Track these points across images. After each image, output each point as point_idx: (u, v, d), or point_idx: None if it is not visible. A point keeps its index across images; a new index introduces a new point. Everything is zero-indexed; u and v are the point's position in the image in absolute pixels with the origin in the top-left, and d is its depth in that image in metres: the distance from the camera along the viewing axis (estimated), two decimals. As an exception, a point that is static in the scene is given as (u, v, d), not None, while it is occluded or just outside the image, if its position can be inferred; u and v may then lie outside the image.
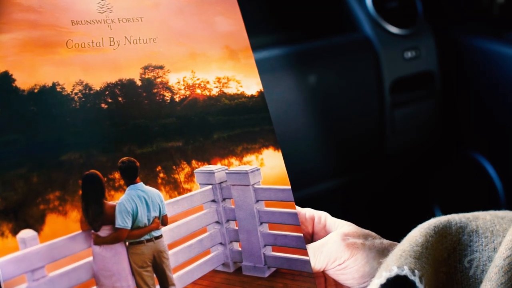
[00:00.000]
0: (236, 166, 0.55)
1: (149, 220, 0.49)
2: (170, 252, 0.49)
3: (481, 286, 0.44)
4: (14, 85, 0.46)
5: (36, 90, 0.47)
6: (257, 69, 0.60)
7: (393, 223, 1.13)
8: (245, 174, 0.55)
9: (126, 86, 0.52)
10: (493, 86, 1.26)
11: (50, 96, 0.48)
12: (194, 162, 0.53)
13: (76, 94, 0.49)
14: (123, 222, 0.47)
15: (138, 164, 0.49)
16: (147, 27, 0.55)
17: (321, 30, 1.22)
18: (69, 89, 0.49)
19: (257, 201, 0.57)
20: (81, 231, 0.46)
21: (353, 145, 1.25)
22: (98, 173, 0.47)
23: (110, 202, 0.47)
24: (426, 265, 0.45)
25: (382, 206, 1.46)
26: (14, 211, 0.43)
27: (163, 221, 0.49)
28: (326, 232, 0.58)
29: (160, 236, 0.49)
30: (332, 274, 0.53)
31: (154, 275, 0.48)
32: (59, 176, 0.46)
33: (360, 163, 1.30)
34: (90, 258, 0.46)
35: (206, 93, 0.56)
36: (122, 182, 0.48)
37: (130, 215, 0.48)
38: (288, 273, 0.54)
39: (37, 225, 0.44)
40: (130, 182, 0.49)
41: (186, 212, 0.52)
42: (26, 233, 0.43)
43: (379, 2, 1.25)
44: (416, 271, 0.43)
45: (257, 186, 0.56)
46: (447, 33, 1.34)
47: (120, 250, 0.47)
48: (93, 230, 0.46)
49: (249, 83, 0.58)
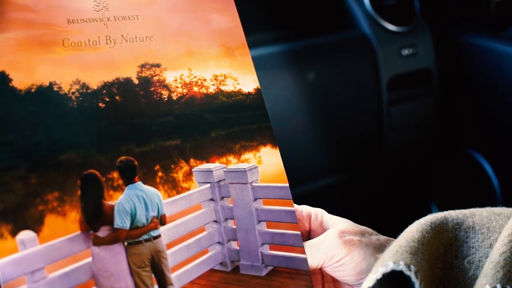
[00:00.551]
0: (234, 164, 0.55)
1: (147, 219, 0.49)
2: (168, 251, 0.49)
3: (477, 282, 0.44)
4: (11, 85, 0.46)
5: (33, 90, 0.47)
6: (254, 66, 0.60)
7: (390, 220, 1.13)
8: (243, 172, 0.55)
9: (123, 85, 0.51)
10: (490, 84, 1.26)
11: (47, 96, 0.47)
12: (192, 161, 0.53)
13: (73, 93, 0.49)
14: (122, 222, 0.47)
15: (136, 163, 0.49)
16: (143, 25, 0.55)
17: (318, 27, 1.22)
18: (66, 88, 0.48)
19: (255, 199, 0.57)
20: (80, 232, 0.45)
21: (350, 142, 1.25)
22: (96, 173, 0.47)
23: (109, 202, 0.47)
24: (422, 260, 0.45)
25: (380, 203, 1.47)
26: (13, 213, 0.43)
27: (162, 220, 0.49)
28: (323, 229, 0.58)
29: (158, 235, 0.49)
30: (329, 271, 0.54)
31: (153, 275, 0.48)
32: (58, 176, 0.45)
33: (357, 161, 1.30)
34: (89, 259, 0.46)
35: (203, 90, 0.55)
36: (120, 182, 0.48)
37: (129, 215, 0.48)
38: (285, 271, 0.55)
39: (36, 226, 0.44)
40: (129, 181, 0.48)
41: (184, 211, 0.52)
42: (25, 234, 0.43)
43: (377, -1, 1.25)
44: (411, 266, 0.43)
45: (255, 184, 0.56)
46: (444, 30, 1.34)
47: (118, 250, 0.47)
48: (92, 231, 0.46)
49: (246, 81, 0.58)
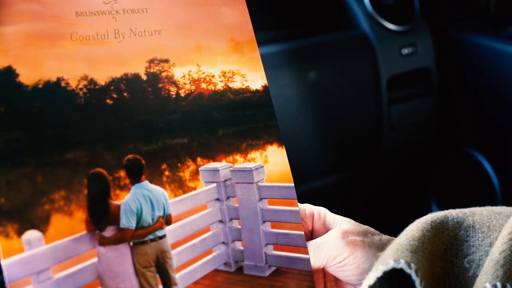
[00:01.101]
0: (240, 163, 0.55)
1: (153, 219, 0.48)
2: (173, 251, 0.49)
3: (477, 280, 0.44)
4: (18, 80, 0.45)
5: (40, 86, 0.46)
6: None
7: (390, 218, 1.14)
8: (249, 171, 0.55)
9: (131, 81, 0.50)
10: (489, 83, 1.26)
11: (54, 91, 0.46)
12: (199, 159, 0.52)
13: (81, 89, 0.48)
14: (128, 222, 0.47)
15: (143, 162, 0.49)
16: (152, 19, 0.54)
17: (318, 27, 1.22)
18: (74, 84, 0.47)
19: (260, 199, 0.56)
20: (86, 232, 0.45)
21: (350, 141, 1.25)
22: (103, 171, 0.46)
23: (115, 202, 0.47)
24: (422, 259, 0.45)
25: (380, 202, 1.48)
26: (19, 212, 0.43)
27: (167, 220, 0.49)
28: (325, 228, 0.58)
29: (164, 235, 0.49)
30: (331, 271, 0.54)
31: (157, 275, 0.48)
32: (64, 175, 0.45)
33: (357, 159, 1.31)
34: (95, 259, 0.45)
35: (211, 87, 0.55)
36: (127, 181, 0.48)
37: (135, 215, 0.47)
38: (287, 271, 0.55)
39: (42, 226, 0.43)
40: (136, 180, 0.48)
41: (190, 210, 0.52)
42: (31, 234, 0.43)
43: (376, -2, 1.24)
44: (412, 264, 0.43)
45: (261, 184, 0.56)
46: (444, 30, 1.33)
47: (124, 250, 0.47)
48: (98, 231, 0.46)
49: (253, 77, 0.57)
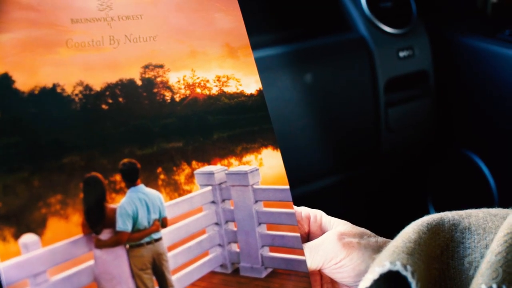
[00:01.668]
0: (235, 166, 0.55)
1: (149, 222, 0.49)
2: (170, 254, 0.50)
3: (472, 282, 0.44)
4: (14, 86, 0.46)
5: (36, 92, 0.47)
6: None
7: (388, 220, 1.14)
8: (244, 174, 0.55)
9: (126, 86, 0.51)
10: (486, 85, 1.26)
11: (50, 97, 0.47)
12: (194, 163, 0.53)
13: (76, 95, 0.48)
14: (124, 225, 0.47)
15: (139, 166, 0.49)
16: (147, 25, 0.54)
17: (316, 29, 1.22)
18: (69, 90, 0.48)
19: (256, 201, 0.57)
20: (82, 235, 0.46)
21: (348, 143, 1.25)
22: (99, 175, 0.47)
23: (111, 205, 0.47)
24: (418, 261, 0.46)
25: (377, 204, 1.48)
26: (16, 216, 0.43)
27: (163, 223, 0.50)
28: (321, 231, 0.58)
29: (160, 238, 0.49)
30: (328, 272, 0.54)
31: (154, 278, 0.49)
32: (61, 179, 0.46)
33: (355, 161, 1.31)
34: (91, 262, 0.46)
35: (206, 92, 0.55)
36: (123, 185, 0.48)
37: (131, 218, 0.48)
38: (284, 273, 0.55)
39: (38, 229, 0.44)
40: (131, 184, 0.49)
41: (186, 213, 0.52)
42: (28, 237, 0.43)
43: (373, 2, 1.25)
44: (408, 267, 0.44)
45: (256, 187, 0.56)
46: (441, 32, 1.34)
47: (120, 253, 0.47)
48: (94, 234, 0.46)
49: (248, 82, 0.58)
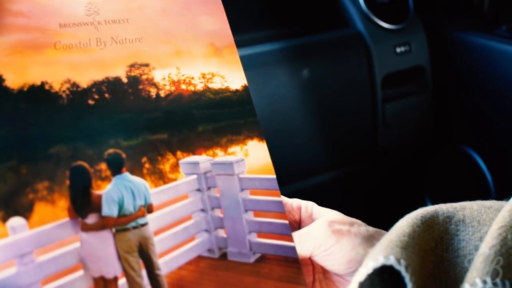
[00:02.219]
0: (221, 157, 0.57)
1: (135, 208, 0.51)
2: (156, 238, 0.51)
3: (466, 275, 0.44)
4: (4, 84, 0.49)
5: (25, 89, 0.50)
6: (250, 64, 0.62)
7: (385, 216, 1.14)
8: (229, 164, 0.57)
9: (112, 83, 0.54)
10: (483, 81, 1.27)
11: (38, 94, 0.50)
12: (179, 153, 0.55)
13: (64, 91, 0.51)
14: (110, 210, 0.50)
15: (124, 155, 0.52)
16: (133, 28, 0.57)
17: (314, 25, 1.24)
18: (57, 87, 0.51)
19: (242, 190, 0.58)
20: (69, 219, 0.48)
21: (345, 139, 1.26)
22: (85, 164, 0.50)
23: (97, 192, 0.50)
24: (412, 254, 0.46)
25: (375, 199, 1.47)
26: (4, 201, 0.46)
27: (149, 209, 0.52)
28: (312, 220, 0.59)
29: (146, 223, 0.51)
30: (318, 260, 0.55)
31: (141, 261, 0.50)
32: (48, 168, 0.48)
33: (352, 157, 1.31)
34: (78, 244, 0.48)
35: (191, 88, 0.58)
36: (108, 173, 0.51)
37: (117, 204, 0.50)
38: (273, 259, 0.56)
39: (26, 213, 0.46)
40: (116, 172, 0.51)
41: (171, 201, 0.54)
42: (16, 221, 0.46)
43: (371, -3, 1.27)
44: (402, 261, 0.44)
45: (242, 176, 0.58)
46: (438, 28, 1.35)
47: (106, 236, 0.49)
48: (80, 218, 0.48)
49: (233, 78, 0.60)
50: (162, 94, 0.56)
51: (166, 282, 0.51)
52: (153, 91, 0.56)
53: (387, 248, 0.46)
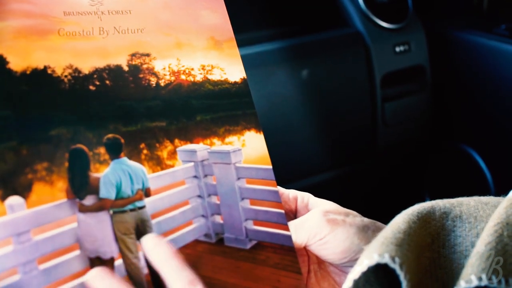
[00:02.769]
0: (218, 146, 0.58)
1: (132, 191, 0.52)
2: (153, 221, 0.52)
3: (462, 272, 0.44)
4: (7, 67, 0.50)
5: (28, 72, 0.51)
6: (250, 63, 0.63)
7: (385, 214, 1.14)
8: (226, 153, 0.58)
9: (113, 71, 0.55)
10: (482, 80, 1.27)
11: (41, 77, 0.51)
12: (177, 141, 0.56)
13: (65, 76, 0.52)
14: (108, 193, 0.50)
15: (123, 141, 0.52)
16: (136, 19, 0.59)
17: (313, 25, 1.25)
18: (59, 72, 0.52)
19: (238, 178, 0.59)
20: (66, 199, 0.49)
21: (345, 138, 1.26)
22: (84, 147, 0.50)
23: (95, 174, 0.50)
24: (408, 252, 0.46)
25: (375, 198, 1.47)
26: (3, 180, 0.47)
27: (146, 193, 0.52)
28: (308, 211, 0.60)
29: (143, 206, 0.52)
30: (313, 249, 0.55)
31: (137, 242, 0.51)
32: (47, 149, 0.49)
33: (352, 156, 1.31)
34: (75, 224, 0.49)
35: (191, 79, 0.59)
36: (107, 157, 0.51)
37: (114, 187, 0.51)
38: (269, 246, 0.57)
39: (24, 193, 0.47)
40: (115, 157, 0.52)
41: (169, 186, 0.55)
42: (14, 199, 0.46)
43: (370, -4, 1.28)
44: (396, 259, 0.44)
45: (238, 165, 0.59)
46: (437, 27, 1.36)
47: (104, 217, 0.50)
48: (78, 199, 0.49)
49: (232, 71, 0.61)
50: (162, 83, 0.57)
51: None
52: (153, 80, 0.57)
53: (382, 245, 0.46)
